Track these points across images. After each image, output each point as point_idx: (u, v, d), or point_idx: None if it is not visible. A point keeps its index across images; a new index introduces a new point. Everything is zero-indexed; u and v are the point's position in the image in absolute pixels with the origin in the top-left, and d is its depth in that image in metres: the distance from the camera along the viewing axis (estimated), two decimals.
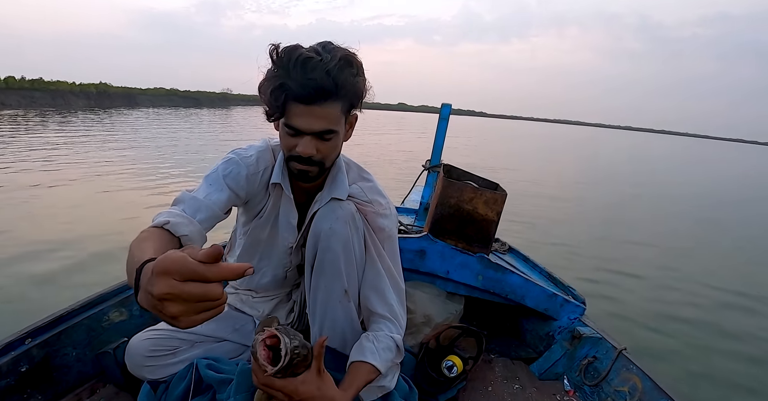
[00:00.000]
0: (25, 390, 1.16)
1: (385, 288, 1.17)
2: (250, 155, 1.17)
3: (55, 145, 10.57)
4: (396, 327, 1.18)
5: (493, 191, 1.88)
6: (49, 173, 7.10)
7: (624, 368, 1.56)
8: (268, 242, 1.26)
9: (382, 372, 1.09)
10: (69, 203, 5.37)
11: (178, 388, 1.17)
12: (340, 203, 1.14)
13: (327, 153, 1.05)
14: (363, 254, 1.16)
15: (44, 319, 1.25)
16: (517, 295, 1.82)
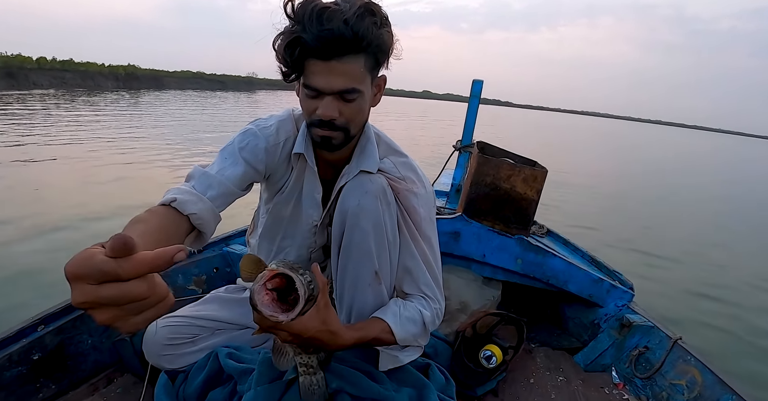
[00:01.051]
0: (38, 380, 1.10)
1: (419, 273, 1.06)
2: (270, 125, 1.07)
3: (89, 121, 10.98)
4: (429, 306, 1.06)
5: (531, 167, 1.74)
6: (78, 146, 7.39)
7: (680, 359, 1.42)
8: (291, 219, 1.15)
9: (398, 340, 0.98)
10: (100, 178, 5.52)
11: (197, 379, 1.10)
12: (370, 177, 1.02)
13: (351, 117, 0.94)
14: (396, 232, 1.04)
15: (58, 305, 1.19)
16: (560, 280, 1.68)
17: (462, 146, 2.35)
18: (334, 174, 1.10)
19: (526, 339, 1.51)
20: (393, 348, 1.03)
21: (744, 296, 3.85)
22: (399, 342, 0.98)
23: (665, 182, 11.18)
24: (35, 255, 3.07)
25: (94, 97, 21.02)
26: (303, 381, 0.90)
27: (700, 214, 7.61)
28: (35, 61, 30.92)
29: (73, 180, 5.32)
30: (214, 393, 1.09)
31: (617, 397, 1.43)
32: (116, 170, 5.98)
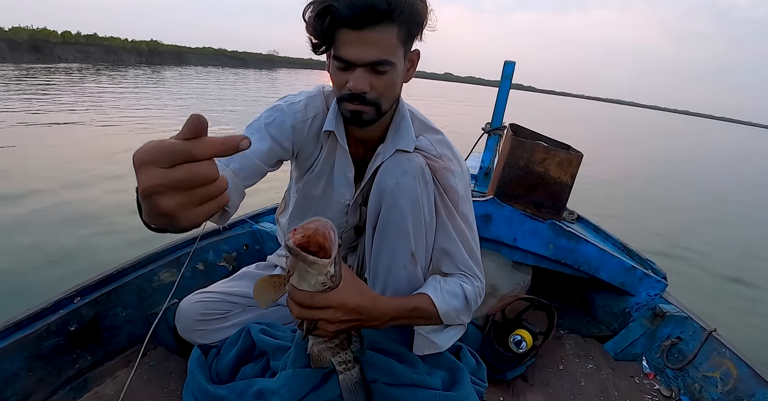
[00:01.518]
0: (74, 350, 1.12)
1: (458, 253, 1.03)
2: (298, 101, 1.05)
3: (113, 94, 11.22)
4: (470, 283, 1.03)
5: (566, 151, 1.68)
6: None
7: (715, 351, 1.38)
8: (321, 199, 1.13)
9: (440, 313, 0.94)
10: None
11: (229, 354, 1.10)
12: (408, 156, 0.99)
13: (383, 90, 0.90)
14: (433, 213, 1.01)
15: (93, 278, 1.20)
16: (591, 267, 1.64)
17: (492, 129, 2.29)
18: (366, 153, 1.08)
19: (556, 327, 1.49)
20: (433, 331, 1.01)
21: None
22: (441, 316, 0.94)
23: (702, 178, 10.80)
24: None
25: (116, 72, 21.22)
26: (343, 378, 0.89)
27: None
28: (60, 35, 31.10)
29: (93, 147, 5.52)
30: (246, 368, 1.09)
31: (647, 387, 1.40)
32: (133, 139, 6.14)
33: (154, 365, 1.19)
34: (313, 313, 0.76)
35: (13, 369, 1.00)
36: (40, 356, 1.05)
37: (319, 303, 0.74)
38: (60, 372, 1.08)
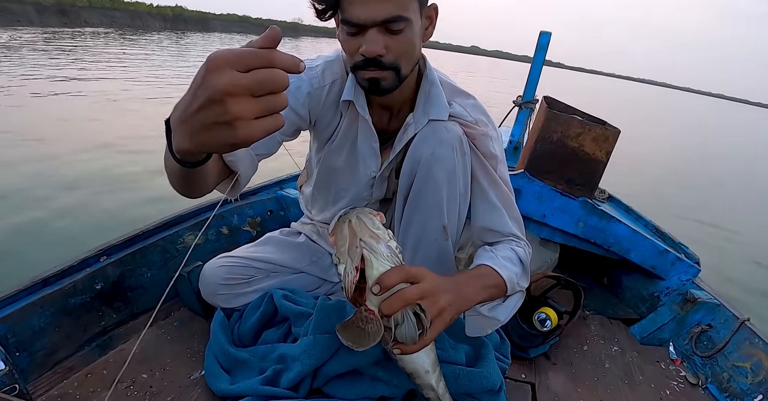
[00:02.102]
0: (100, 308, 1.14)
1: (502, 222, 1.00)
2: (315, 66, 0.98)
3: (138, 59, 11.37)
4: (518, 245, 1.00)
5: (603, 126, 1.61)
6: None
7: (747, 341, 1.33)
8: (345, 171, 1.08)
9: (506, 281, 0.90)
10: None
11: (251, 318, 1.10)
12: (445, 124, 0.94)
13: (400, 51, 0.83)
14: (468, 184, 0.97)
15: (119, 238, 1.20)
16: (622, 248, 1.59)
17: (523, 102, 2.21)
18: (391, 120, 1.03)
19: (582, 307, 1.45)
20: (494, 307, 0.97)
21: None
22: (507, 283, 0.91)
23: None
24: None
25: (142, 37, 21.22)
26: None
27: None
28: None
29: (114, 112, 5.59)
30: (268, 332, 1.09)
31: (673, 373, 1.37)
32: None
33: (178, 325, 1.20)
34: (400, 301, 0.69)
35: (40, 324, 1.01)
36: (66, 312, 1.06)
37: (407, 273, 0.70)
38: (86, 328, 1.10)
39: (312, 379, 0.96)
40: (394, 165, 1.05)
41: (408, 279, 0.69)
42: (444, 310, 0.73)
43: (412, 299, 0.68)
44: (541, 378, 1.24)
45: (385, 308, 0.67)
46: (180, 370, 1.07)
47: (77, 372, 1.03)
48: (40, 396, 0.96)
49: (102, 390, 0.99)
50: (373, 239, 0.69)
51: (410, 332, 0.68)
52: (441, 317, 0.72)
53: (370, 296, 0.67)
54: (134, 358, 1.08)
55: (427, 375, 0.78)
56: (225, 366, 1.03)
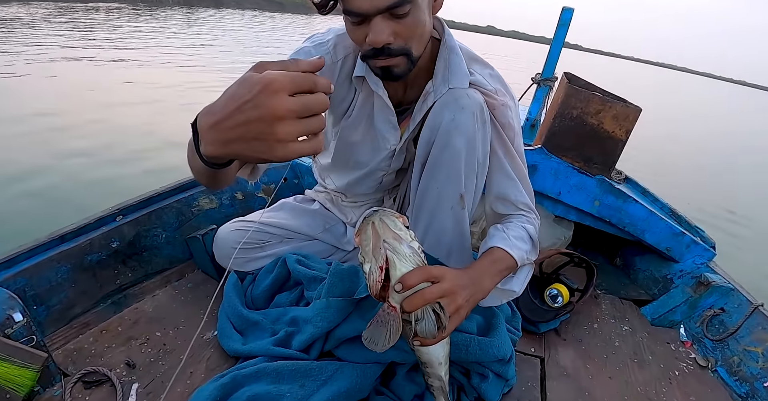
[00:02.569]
0: (116, 266, 1.15)
1: (516, 193, 0.99)
2: (327, 41, 0.96)
3: (150, 34, 11.26)
4: (529, 219, 1.01)
5: (623, 104, 1.57)
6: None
7: (759, 326, 1.32)
8: (364, 145, 1.07)
9: (517, 260, 0.92)
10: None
11: (264, 281, 1.11)
12: (467, 91, 0.92)
13: (409, 35, 0.80)
14: (487, 154, 0.96)
15: (135, 198, 1.21)
16: (637, 228, 1.57)
17: (542, 79, 2.17)
18: (407, 90, 1.00)
19: (594, 287, 1.44)
20: (506, 281, 0.97)
21: None
22: (518, 261, 0.92)
23: None
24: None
25: (155, 12, 21.06)
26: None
27: None
28: None
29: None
30: (280, 296, 1.10)
31: (683, 355, 1.36)
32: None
33: (192, 287, 1.22)
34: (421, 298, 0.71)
35: (57, 279, 1.03)
36: (83, 269, 1.07)
37: (429, 273, 0.72)
38: (102, 285, 1.11)
39: (323, 342, 0.97)
40: (413, 136, 1.04)
41: (429, 279, 0.71)
42: (461, 307, 0.75)
43: (432, 299, 0.70)
44: (551, 352, 1.24)
45: (407, 305, 0.69)
46: (193, 330, 1.07)
47: (93, 327, 1.05)
48: (57, 349, 0.98)
49: (117, 345, 1.01)
50: (396, 240, 0.71)
51: (430, 327, 0.72)
52: (458, 313, 0.75)
53: (393, 293, 0.70)
54: (148, 317, 1.10)
55: (440, 366, 0.81)
56: (238, 327, 1.04)
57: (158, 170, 3.14)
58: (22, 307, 0.88)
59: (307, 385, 0.89)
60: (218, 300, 1.14)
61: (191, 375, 0.97)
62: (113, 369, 0.95)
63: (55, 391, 0.89)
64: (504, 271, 0.91)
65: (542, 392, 1.10)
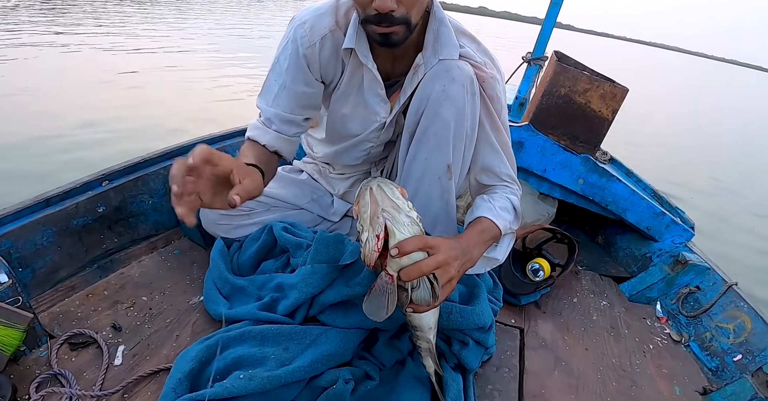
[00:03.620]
0: (102, 231, 1.15)
1: (501, 165, 1.02)
2: (305, 23, 0.96)
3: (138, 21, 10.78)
4: (512, 190, 1.04)
5: (611, 83, 1.58)
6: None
7: (732, 304, 1.37)
8: (354, 117, 1.08)
9: (501, 230, 0.95)
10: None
11: (251, 248, 1.12)
12: (457, 63, 0.93)
13: (412, 4, 0.81)
14: (476, 126, 0.97)
15: (121, 164, 1.21)
16: (619, 207, 1.60)
17: (532, 58, 2.16)
18: (396, 62, 1.00)
19: (575, 263, 1.48)
20: (491, 249, 1.00)
21: None
22: (502, 230, 0.95)
23: None
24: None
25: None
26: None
27: None
28: None
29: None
30: (266, 263, 1.11)
31: (658, 330, 1.41)
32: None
33: (178, 253, 1.23)
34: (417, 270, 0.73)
35: (43, 243, 1.02)
36: (69, 232, 1.07)
37: (426, 242, 0.73)
38: (87, 250, 1.11)
39: (308, 308, 0.98)
40: (403, 108, 1.04)
41: (424, 248, 0.72)
42: (453, 278, 0.77)
43: (428, 270, 0.72)
44: (530, 324, 1.28)
45: (404, 275, 0.71)
46: (179, 295, 1.10)
47: (79, 291, 1.06)
48: (43, 312, 0.99)
49: (103, 309, 1.02)
50: (395, 209, 0.72)
51: (425, 296, 0.74)
52: (450, 283, 0.77)
53: (391, 262, 0.72)
54: (134, 282, 1.11)
55: (429, 330, 0.84)
56: (223, 292, 1.06)
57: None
58: (7, 268, 0.88)
59: (291, 348, 0.91)
60: (204, 266, 1.15)
61: (177, 338, 0.98)
62: (99, 332, 0.96)
63: (41, 352, 0.90)
64: (490, 240, 0.93)
65: (521, 361, 1.13)
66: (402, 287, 0.75)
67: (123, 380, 0.85)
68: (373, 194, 0.73)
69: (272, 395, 0.83)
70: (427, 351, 0.86)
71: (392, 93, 1.04)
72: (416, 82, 0.97)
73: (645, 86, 15.33)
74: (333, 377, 0.87)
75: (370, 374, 0.92)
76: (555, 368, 1.14)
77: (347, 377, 0.88)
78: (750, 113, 15.43)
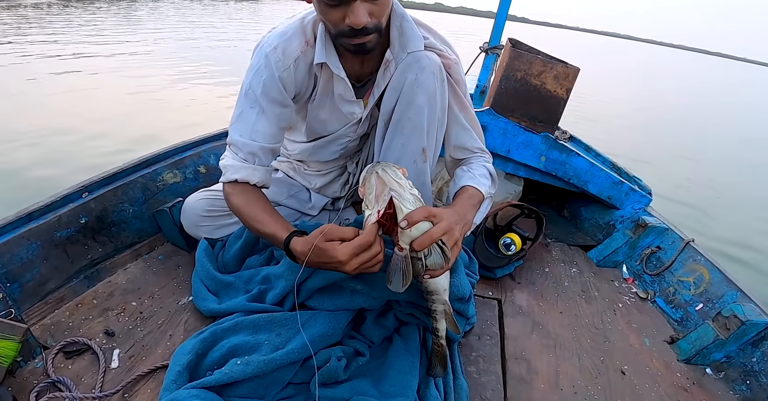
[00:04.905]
0: (86, 242, 1.17)
1: (472, 140, 1.13)
2: (275, 48, 1.00)
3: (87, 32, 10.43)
4: (486, 158, 1.15)
5: (564, 64, 1.67)
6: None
7: (690, 259, 1.47)
8: (331, 120, 1.15)
9: (484, 195, 1.04)
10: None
11: (234, 246, 1.16)
12: (426, 53, 1.00)
13: (381, 13, 0.87)
14: (445, 110, 1.06)
15: (99, 175, 1.23)
16: (581, 180, 1.70)
17: (489, 47, 2.26)
18: (364, 63, 1.07)
19: (544, 234, 1.56)
20: None
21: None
22: (485, 195, 1.05)
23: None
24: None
25: (89, 7, 19.59)
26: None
27: None
28: None
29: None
30: (251, 259, 1.15)
31: (626, 290, 1.51)
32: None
33: (162, 259, 1.25)
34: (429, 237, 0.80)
35: (29, 256, 1.04)
36: (54, 245, 1.09)
37: (430, 211, 0.80)
38: (73, 261, 1.13)
39: (296, 295, 1.03)
40: (377, 101, 1.11)
41: (429, 217, 0.79)
42: (458, 240, 0.85)
43: (437, 237, 0.79)
44: (507, 294, 1.35)
45: (417, 245, 0.78)
46: (168, 297, 1.13)
47: (68, 302, 1.07)
48: (34, 324, 1.00)
49: (94, 317, 1.04)
50: (400, 188, 0.81)
51: (438, 260, 0.82)
52: (457, 245, 0.85)
53: (403, 236, 0.79)
54: (122, 289, 1.13)
55: (444, 292, 0.90)
56: (212, 289, 1.09)
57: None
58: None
59: (283, 334, 0.95)
60: (190, 269, 1.18)
61: (170, 337, 1.02)
62: (93, 339, 0.98)
63: (36, 364, 0.91)
64: (477, 205, 1.03)
65: (500, 328, 1.21)
66: (415, 258, 0.83)
67: (122, 381, 0.88)
68: (379, 177, 0.81)
69: (270, 377, 0.87)
70: (442, 314, 0.92)
71: (365, 91, 1.11)
72: (389, 77, 1.04)
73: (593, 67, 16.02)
74: (326, 356, 0.92)
75: (361, 350, 0.97)
76: (533, 331, 1.21)
77: (339, 355, 0.93)
78: (690, 91, 16.39)
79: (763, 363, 1.14)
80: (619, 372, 1.12)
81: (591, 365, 1.13)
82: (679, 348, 1.24)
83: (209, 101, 5.24)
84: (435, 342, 0.93)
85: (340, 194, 1.35)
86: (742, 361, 1.17)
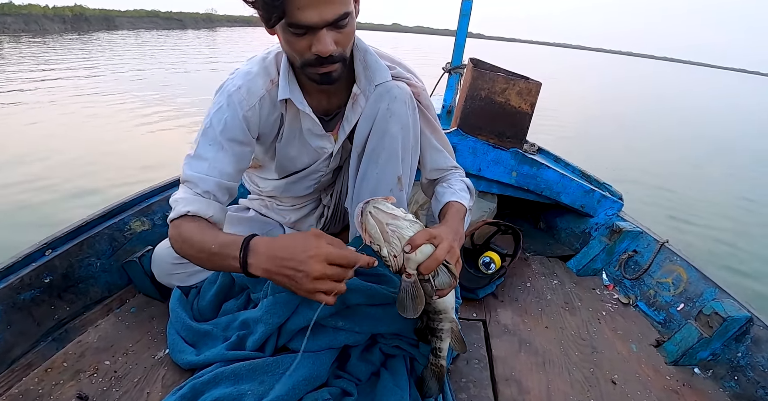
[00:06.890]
0: (52, 302, 1.12)
1: (446, 162, 1.16)
2: (239, 88, 0.99)
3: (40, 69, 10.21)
4: (461, 174, 1.18)
5: (525, 80, 1.71)
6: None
7: (667, 260, 1.50)
8: (301, 157, 1.14)
9: (467, 208, 1.06)
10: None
11: (209, 292, 1.13)
12: (396, 83, 1.02)
13: (346, 43, 0.88)
14: (418, 137, 1.07)
15: (63, 230, 1.18)
16: (553, 191, 1.72)
17: (452, 68, 2.30)
18: (331, 97, 1.07)
19: (522, 249, 1.57)
20: None
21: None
22: (467, 208, 1.07)
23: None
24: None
25: (40, 43, 19.21)
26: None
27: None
28: None
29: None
30: (227, 304, 1.12)
31: (608, 297, 1.52)
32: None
33: (135, 311, 1.20)
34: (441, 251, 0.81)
35: None
36: (17, 308, 1.04)
37: (430, 233, 0.82)
38: (39, 323, 1.08)
39: (276, 338, 1.00)
40: (348, 135, 1.10)
41: (430, 239, 0.80)
42: (458, 256, 0.87)
43: (442, 258, 0.80)
44: (491, 314, 1.34)
45: (424, 269, 0.80)
46: (143, 352, 1.08)
47: (36, 367, 1.02)
48: (1, 395, 0.95)
49: (65, 381, 0.99)
50: (395, 220, 0.82)
51: (447, 279, 0.83)
52: (458, 262, 0.87)
53: (408, 263, 0.81)
54: (94, 348, 1.08)
55: (452, 310, 0.91)
56: (189, 340, 1.05)
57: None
58: None
59: (267, 381, 0.92)
60: (164, 319, 1.14)
61: (148, 395, 0.96)
62: None
63: None
64: (463, 218, 1.04)
65: (488, 350, 1.19)
66: (424, 281, 0.83)
67: None
68: (374, 216, 0.82)
69: None
70: (449, 332, 0.92)
71: (334, 125, 1.10)
72: (359, 111, 1.04)
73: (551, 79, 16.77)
74: (312, 400, 0.89)
75: (348, 390, 0.94)
76: (521, 350, 1.21)
77: (326, 397, 0.90)
78: (643, 93, 17.31)
79: (748, 358, 1.15)
80: (610, 383, 1.12)
81: (582, 378, 1.12)
82: (665, 350, 1.25)
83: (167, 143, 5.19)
84: (434, 363, 0.93)
85: (316, 228, 1.33)
86: (728, 357, 1.19)
